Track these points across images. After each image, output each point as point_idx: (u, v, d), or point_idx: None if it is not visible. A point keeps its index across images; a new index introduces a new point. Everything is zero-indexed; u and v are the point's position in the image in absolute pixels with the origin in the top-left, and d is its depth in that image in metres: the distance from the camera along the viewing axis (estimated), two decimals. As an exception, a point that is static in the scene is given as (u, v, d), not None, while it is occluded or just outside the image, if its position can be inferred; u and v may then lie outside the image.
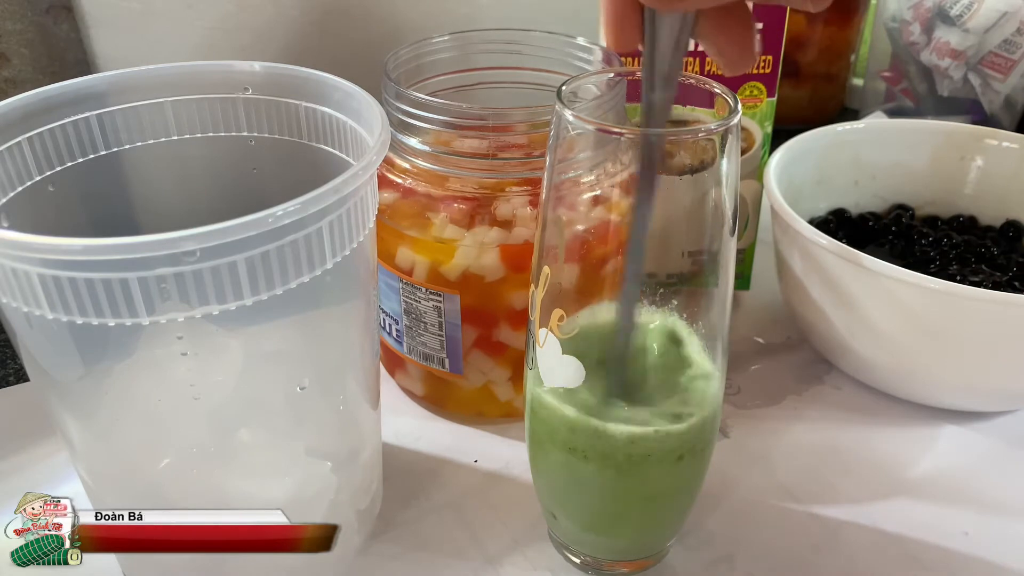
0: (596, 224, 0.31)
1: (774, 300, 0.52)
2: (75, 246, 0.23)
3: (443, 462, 0.42)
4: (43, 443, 0.41)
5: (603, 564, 0.36)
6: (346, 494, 0.35)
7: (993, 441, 0.44)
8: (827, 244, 0.41)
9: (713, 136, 0.27)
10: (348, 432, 0.35)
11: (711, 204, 0.29)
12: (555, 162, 0.30)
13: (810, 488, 0.40)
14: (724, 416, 0.45)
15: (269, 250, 0.26)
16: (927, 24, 0.68)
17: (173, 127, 0.36)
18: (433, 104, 0.38)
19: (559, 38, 0.44)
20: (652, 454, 0.31)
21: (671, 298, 0.32)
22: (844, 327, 0.43)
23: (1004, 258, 0.49)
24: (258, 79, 0.36)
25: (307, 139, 0.36)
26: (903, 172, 0.53)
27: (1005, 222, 0.51)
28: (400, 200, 0.40)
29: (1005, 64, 0.67)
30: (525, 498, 0.39)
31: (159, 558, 0.34)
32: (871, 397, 0.46)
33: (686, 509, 0.35)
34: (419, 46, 0.44)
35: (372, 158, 0.28)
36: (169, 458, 0.32)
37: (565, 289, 0.30)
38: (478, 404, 0.43)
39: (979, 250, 0.50)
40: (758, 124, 0.48)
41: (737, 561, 0.37)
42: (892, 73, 0.75)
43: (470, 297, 0.39)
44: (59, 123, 0.33)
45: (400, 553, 0.37)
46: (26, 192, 0.32)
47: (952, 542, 0.38)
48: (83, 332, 0.26)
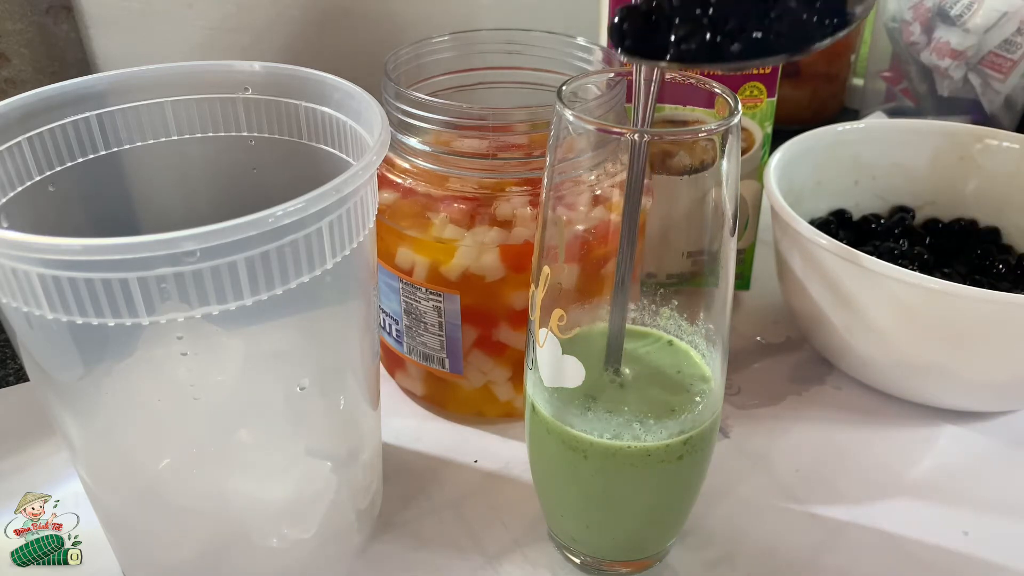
0: (596, 224, 0.31)
1: (774, 300, 0.52)
2: (75, 246, 0.23)
3: (443, 462, 0.42)
4: (43, 443, 0.41)
5: (603, 564, 0.36)
6: (346, 494, 0.35)
7: (993, 441, 0.44)
8: (827, 244, 0.41)
9: (713, 136, 0.27)
10: (348, 432, 0.35)
11: (711, 204, 0.29)
12: (555, 162, 0.30)
13: (810, 488, 0.40)
14: (724, 416, 0.45)
15: (269, 250, 0.26)
16: (927, 24, 0.68)
17: (173, 127, 0.36)
18: (433, 104, 0.38)
19: (559, 38, 0.44)
20: (652, 454, 0.31)
21: (671, 298, 0.32)
22: (844, 327, 0.43)
23: (1004, 258, 0.49)
24: (258, 79, 0.36)
25: (307, 139, 0.36)
26: (903, 172, 0.53)
27: (1005, 222, 0.51)
28: (400, 200, 0.40)
29: (1005, 64, 0.67)
30: (525, 498, 0.39)
31: (159, 558, 0.34)
32: (871, 397, 0.46)
33: (686, 509, 0.35)
34: (419, 46, 0.44)
35: (372, 158, 0.28)
36: (169, 458, 0.32)
37: (565, 289, 0.30)
38: (478, 404, 0.43)
39: (979, 251, 0.50)
40: (758, 124, 0.48)
41: (737, 561, 0.37)
42: (892, 73, 0.75)
43: (470, 297, 0.39)
44: (59, 123, 0.33)
45: (400, 553, 0.37)
46: (26, 192, 0.32)
47: (952, 542, 0.38)
48: (83, 332, 0.26)
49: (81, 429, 0.30)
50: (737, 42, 0.25)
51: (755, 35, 0.25)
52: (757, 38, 0.25)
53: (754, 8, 0.25)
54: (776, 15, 0.25)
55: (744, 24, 0.25)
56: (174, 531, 0.33)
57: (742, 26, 0.25)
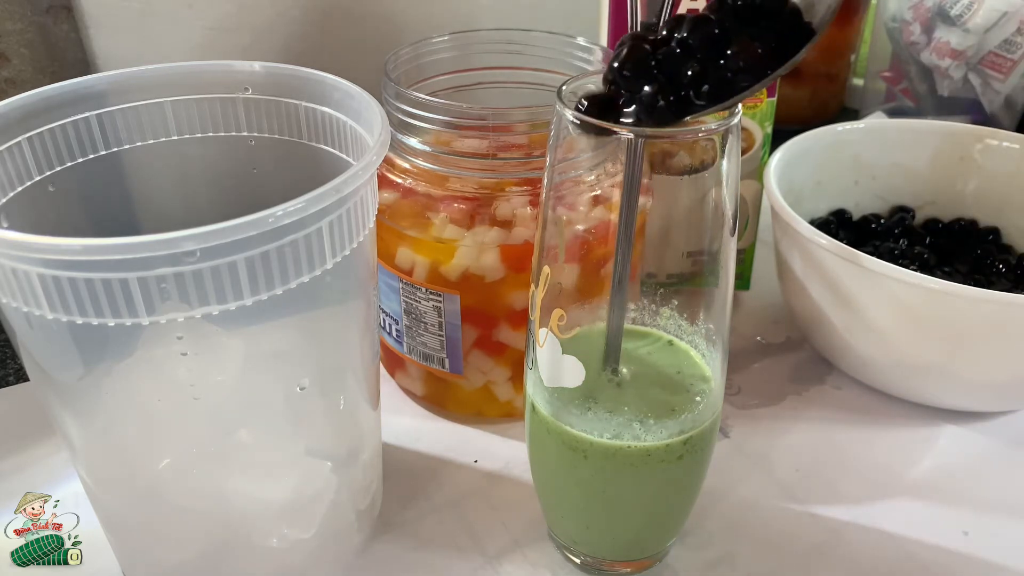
0: (596, 224, 0.31)
1: (774, 300, 0.52)
2: (75, 246, 0.23)
3: (443, 462, 0.42)
4: (43, 443, 0.41)
5: (603, 564, 0.36)
6: (346, 494, 0.35)
7: (993, 441, 0.44)
8: (827, 244, 0.41)
9: (713, 136, 0.27)
10: (348, 432, 0.35)
11: (711, 204, 0.29)
12: (555, 162, 0.30)
13: (810, 488, 0.40)
14: (724, 416, 0.45)
15: (269, 250, 0.26)
16: (927, 24, 0.68)
17: (173, 127, 0.36)
18: (433, 104, 0.38)
19: (559, 38, 0.44)
20: (652, 454, 0.31)
21: (671, 298, 0.32)
22: (844, 327, 0.43)
23: (1004, 258, 0.49)
24: (258, 79, 0.36)
25: (307, 139, 0.36)
26: (903, 172, 0.53)
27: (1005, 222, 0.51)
28: (400, 200, 0.40)
29: (1005, 64, 0.67)
30: (525, 498, 0.39)
31: (159, 558, 0.34)
32: (871, 397, 0.46)
33: (686, 509, 0.35)
34: (419, 46, 0.44)
35: (372, 158, 0.28)
36: (169, 458, 0.32)
37: (565, 289, 0.30)
38: (478, 404, 0.43)
39: (979, 251, 0.50)
40: (758, 124, 0.48)
41: (737, 561, 0.37)
42: (892, 73, 0.75)
43: (470, 297, 0.39)
44: (59, 123, 0.33)
45: (400, 553, 0.37)
46: (26, 192, 0.32)
47: (952, 542, 0.38)
48: (83, 332, 0.26)
49: (81, 429, 0.30)
50: (704, 88, 0.26)
51: (721, 76, 0.26)
52: (724, 79, 0.26)
53: (708, 52, 0.26)
54: (734, 51, 0.25)
55: (705, 70, 0.26)
56: (174, 531, 0.33)
57: (702, 73, 0.26)
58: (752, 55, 0.25)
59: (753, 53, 0.25)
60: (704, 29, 0.26)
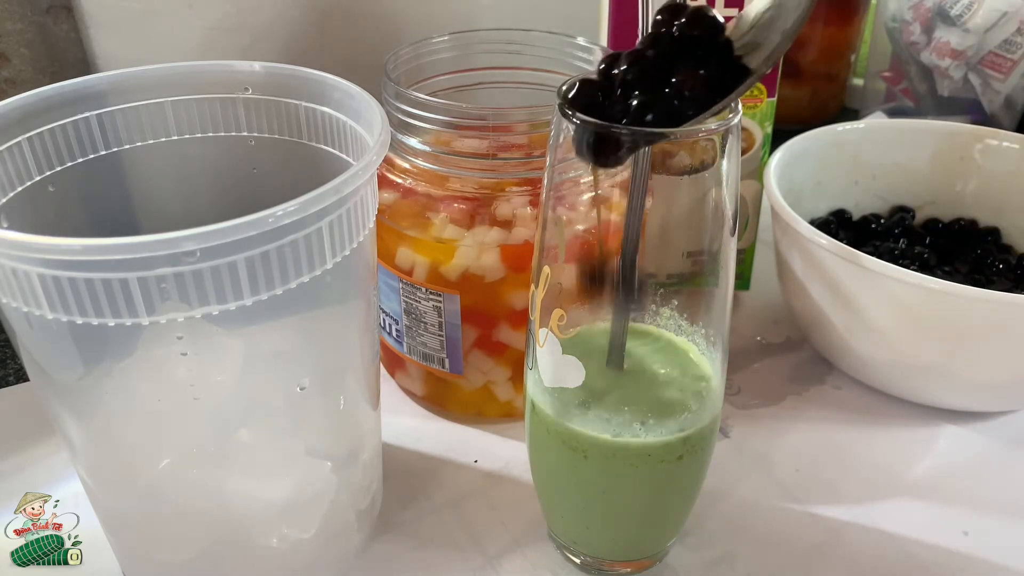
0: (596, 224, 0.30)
1: (774, 300, 0.52)
2: (75, 246, 0.23)
3: (443, 462, 0.42)
4: (43, 443, 0.41)
5: (603, 564, 0.36)
6: (346, 494, 0.35)
7: (993, 441, 0.44)
8: (827, 244, 0.41)
9: (713, 136, 0.27)
10: (348, 432, 0.35)
11: (711, 204, 0.29)
12: (555, 162, 0.30)
13: (810, 488, 0.40)
14: (724, 416, 0.45)
15: (269, 250, 0.26)
16: (927, 24, 0.68)
17: (173, 127, 0.36)
18: (433, 104, 0.38)
19: (559, 38, 0.44)
20: (652, 454, 0.31)
21: (671, 298, 0.32)
22: (844, 327, 0.43)
23: (1004, 258, 0.49)
24: (258, 79, 0.36)
25: (307, 139, 0.36)
26: (903, 172, 0.53)
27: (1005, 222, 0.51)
28: (400, 200, 0.40)
29: (1005, 64, 0.67)
30: (525, 498, 0.39)
31: (159, 558, 0.34)
32: (871, 397, 0.46)
33: (686, 509, 0.35)
34: (419, 46, 0.44)
35: (372, 158, 0.28)
36: (169, 458, 0.32)
37: (565, 289, 0.30)
38: (478, 404, 0.43)
39: (979, 250, 0.50)
40: (758, 124, 0.48)
41: (737, 561, 0.37)
42: (892, 73, 0.75)
43: (470, 297, 0.39)
44: (59, 123, 0.33)
45: (400, 553, 0.37)
46: (26, 192, 0.32)
47: (952, 542, 0.38)
48: (83, 332, 0.26)
49: (81, 429, 0.30)
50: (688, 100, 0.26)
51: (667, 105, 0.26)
52: (672, 107, 0.26)
53: (648, 84, 0.26)
54: (679, 79, 0.26)
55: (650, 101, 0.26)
56: (174, 531, 0.33)
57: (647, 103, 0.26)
58: (696, 83, 0.26)
59: (697, 81, 0.26)
60: (641, 65, 0.26)
